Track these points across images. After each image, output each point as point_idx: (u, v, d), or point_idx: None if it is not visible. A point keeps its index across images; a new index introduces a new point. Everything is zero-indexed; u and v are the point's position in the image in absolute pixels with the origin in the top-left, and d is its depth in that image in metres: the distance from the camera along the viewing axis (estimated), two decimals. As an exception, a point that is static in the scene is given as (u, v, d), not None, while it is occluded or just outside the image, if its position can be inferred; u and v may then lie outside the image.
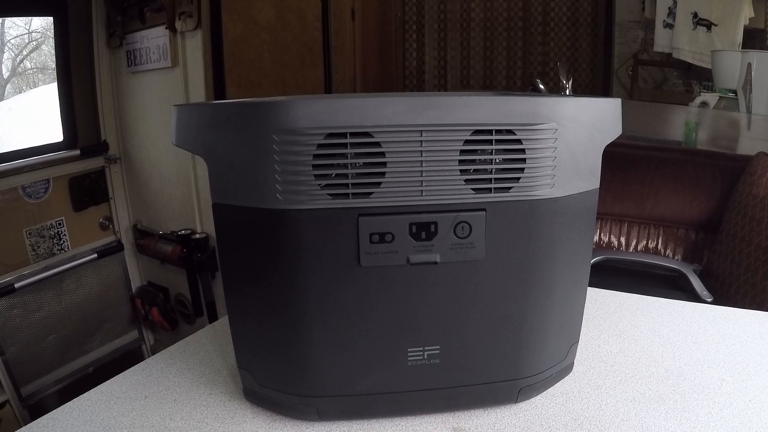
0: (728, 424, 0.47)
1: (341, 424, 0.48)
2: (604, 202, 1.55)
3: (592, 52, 2.55)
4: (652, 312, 0.69)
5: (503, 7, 2.65)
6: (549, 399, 0.51)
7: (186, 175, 1.96)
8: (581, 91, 2.53)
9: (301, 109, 0.39)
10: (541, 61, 2.65)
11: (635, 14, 2.38)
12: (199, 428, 0.48)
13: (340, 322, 0.44)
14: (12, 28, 2.22)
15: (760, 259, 1.23)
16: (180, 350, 0.61)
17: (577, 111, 0.43)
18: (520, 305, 0.45)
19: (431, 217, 0.42)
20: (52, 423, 0.49)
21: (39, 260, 1.85)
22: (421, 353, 0.45)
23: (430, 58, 2.80)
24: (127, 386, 0.54)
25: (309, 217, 0.41)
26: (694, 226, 1.51)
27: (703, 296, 1.26)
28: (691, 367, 0.56)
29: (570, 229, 0.45)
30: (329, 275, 0.42)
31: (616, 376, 0.55)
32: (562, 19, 2.59)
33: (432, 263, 0.43)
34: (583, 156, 0.44)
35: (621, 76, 2.44)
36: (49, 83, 2.27)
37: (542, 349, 0.48)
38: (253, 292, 0.45)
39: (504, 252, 0.43)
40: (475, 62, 2.75)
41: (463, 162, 0.41)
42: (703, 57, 2.17)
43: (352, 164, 0.40)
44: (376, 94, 0.43)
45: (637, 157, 1.58)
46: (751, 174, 1.38)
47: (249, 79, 2.21)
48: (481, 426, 0.48)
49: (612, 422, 0.48)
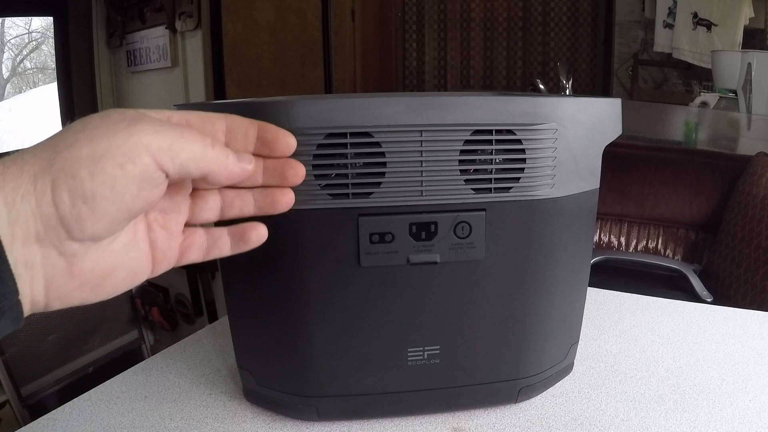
0: (728, 424, 0.47)
1: (341, 424, 0.48)
2: (604, 202, 1.55)
3: (592, 52, 2.55)
4: (652, 312, 0.69)
5: (503, 7, 2.65)
6: (549, 399, 0.51)
7: (186, 174, 1.95)
8: (581, 91, 2.53)
9: (301, 109, 0.39)
10: (541, 61, 2.65)
11: (635, 14, 2.38)
12: (199, 428, 0.48)
13: (339, 322, 0.44)
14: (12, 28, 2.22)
15: (760, 259, 1.23)
16: (180, 350, 0.61)
17: (577, 111, 0.43)
18: (520, 305, 0.45)
19: (431, 217, 0.42)
20: (52, 423, 0.49)
21: (39, 260, 1.85)
22: (421, 353, 0.45)
23: (430, 58, 2.80)
24: (127, 386, 0.54)
25: (309, 217, 0.40)
26: (694, 226, 1.51)
27: (703, 296, 1.27)
28: (691, 367, 0.56)
29: (570, 229, 0.45)
30: (329, 275, 0.42)
31: (616, 376, 0.55)
32: (562, 19, 2.59)
33: (432, 263, 0.43)
34: (583, 156, 0.44)
35: (621, 76, 2.44)
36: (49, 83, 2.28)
37: (542, 349, 0.48)
38: (253, 292, 0.45)
39: (504, 252, 0.43)
40: (475, 62, 2.75)
41: (463, 162, 0.41)
42: (703, 57, 2.17)
43: (352, 164, 0.40)
44: (376, 94, 0.43)
45: (637, 157, 1.58)
46: (751, 174, 1.38)
47: (249, 79, 2.21)
48: (481, 426, 0.48)
49: (612, 422, 0.48)
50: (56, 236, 0.25)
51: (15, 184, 0.24)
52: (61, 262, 0.26)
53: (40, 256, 0.26)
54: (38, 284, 0.26)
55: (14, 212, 0.24)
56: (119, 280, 0.29)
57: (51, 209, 0.25)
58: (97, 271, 0.27)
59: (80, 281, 0.27)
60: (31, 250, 0.25)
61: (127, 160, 0.25)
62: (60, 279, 0.26)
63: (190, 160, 0.27)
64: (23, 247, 0.25)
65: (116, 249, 0.28)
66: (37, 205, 0.25)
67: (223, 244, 0.33)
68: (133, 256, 0.29)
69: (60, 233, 0.25)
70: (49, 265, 0.26)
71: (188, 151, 0.27)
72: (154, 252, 0.30)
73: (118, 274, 0.28)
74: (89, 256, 0.27)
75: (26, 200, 0.24)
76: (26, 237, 0.25)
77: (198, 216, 0.32)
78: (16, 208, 0.24)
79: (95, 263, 0.27)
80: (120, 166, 0.25)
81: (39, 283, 0.26)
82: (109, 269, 0.28)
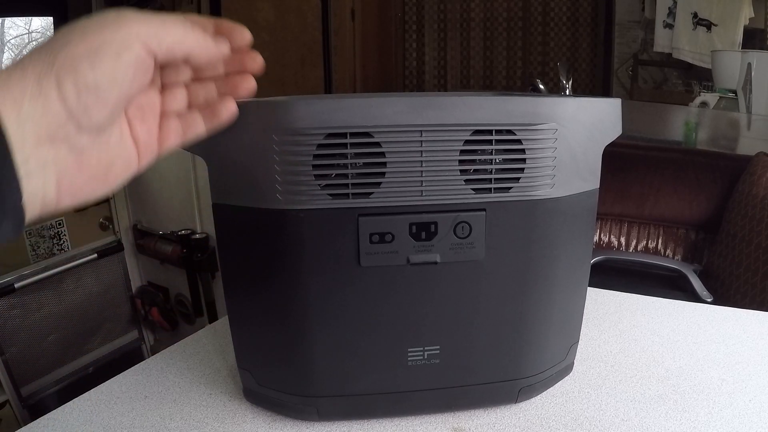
0: (728, 424, 0.47)
1: (341, 424, 0.48)
2: (604, 202, 1.55)
3: (592, 52, 2.55)
4: (652, 312, 0.69)
5: (503, 7, 2.65)
6: (549, 399, 0.51)
7: (186, 175, 1.96)
8: (581, 91, 2.53)
9: (301, 109, 0.39)
10: (541, 61, 2.65)
11: (635, 14, 2.38)
12: (199, 428, 0.48)
13: (339, 322, 0.44)
14: (12, 28, 2.22)
15: (760, 259, 1.23)
16: (180, 350, 0.61)
17: (577, 111, 0.43)
18: (520, 305, 0.45)
19: (431, 217, 0.42)
20: (52, 423, 0.49)
21: (39, 260, 1.85)
22: (421, 353, 0.45)
23: (430, 58, 2.80)
24: (127, 386, 0.54)
25: (309, 217, 0.41)
26: (694, 226, 1.51)
27: (703, 296, 1.27)
28: (691, 367, 0.56)
29: (570, 229, 0.45)
30: (329, 275, 0.42)
31: (616, 376, 0.55)
32: (562, 19, 2.59)
33: (432, 263, 0.43)
34: (583, 156, 0.44)
35: (621, 76, 2.44)
36: (49, 83, 2.27)
37: (542, 349, 0.48)
38: (253, 292, 0.45)
39: (504, 252, 0.43)
40: (475, 62, 2.75)
41: (463, 162, 0.41)
42: (703, 57, 2.17)
43: (352, 164, 0.40)
44: (376, 94, 0.43)
45: (637, 157, 1.58)
46: (751, 174, 1.38)
47: (249, 79, 2.21)
48: (481, 426, 0.48)
49: (612, 422, 0.48)
50: (66, 132, 0.28)
51: (20, 88, 0.26)
52: (71, 158, 0.29)
53: (52, 154, 0.28)
54: (50, 182, 0.28)
55: (23, 114, 0.26)
56: (118, 171, 0.32)
57: (59, 105, 0.27)
58: (102, 163, 0.31)
59: (88, 175, 0.30)
60: (43, 150, 0.27)
61: (122, 50, 0.28)
62: (71, 174, 0.29)
63: (174, 42, 0.30)
64: (35, 148, 0.27)
65: (113, 143, 0.32)
66: (45, 104, 0.27)
67: (197, 124, 0.36)
68: (124, 149, 0.33)
69: (69, 128, 0.28)
70: (60, 162, 0.28)
71: (172, 35, 0.30)
72: (138, 146, 0.34)
73: (117, 166, 0.32)
74: (94, 150, 0.30)
75: (34, 101, 0.26)
76: (38, 137, 0.27)
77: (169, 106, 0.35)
78: (24, 110, 0.26)
79: (99, 156, 0.31)
80: (116, 56, 0.28)
81: (51, 182, 0.28)
82: (110, 161, 0.31)
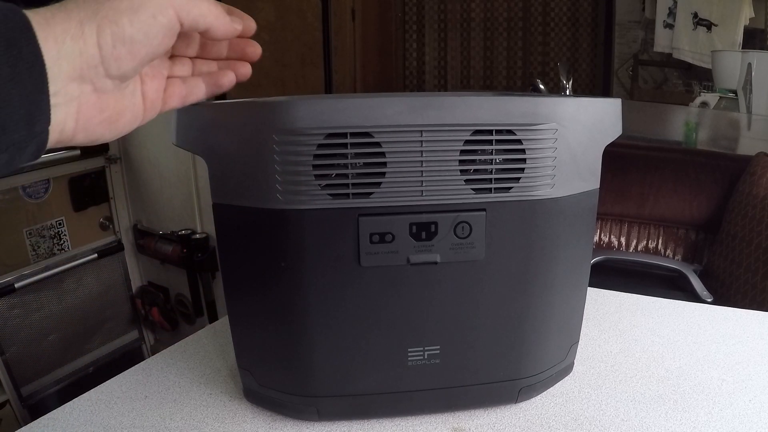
0: (728, 424, 0.47)
1: (341, 424, 0.48)
2: (604, 202, 1.55)
3: (592, 52, 2.55)
4: (652, 312, 0.69)
5: (503, 7, 2.65)
6: (549, 399, 0.51)
7: (186, 175, 1.96)
8: (581, 91, 2.53)
9: (301, 109, 0.39)
10: (541, 61, 2.65)
11: (635, 14, 2.38)
12: (199, 428, 0.48)
13: (340, 322, 0.44)
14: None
15: (760, 259, 1.23)
16: (180, 350, 0.61)
17: (577, 111, 0.43)
18: (520, 305, 0.45)
19: (431, 217, 0.42)
20: (52, 423, 0.49)
21: (39, 260, 1.85)
22: (422, 353, 0.45)
23: (430, 58, 2.80)
24: (127, 386, 0.54)
25: (309, 217, 0.41)
26: (694, 226, 1.51)
27: (703, 296, 1.27)
28: (691, 367, 0.56)
29: (570, 229, 0.45)
30: (329, 275, 0.42)
31: (616, 376, 0.55)
32: (562, 19, 2.59)
33: (432, 263, 0.43)
34: (583, 156, 0.44)
35: (621, 76, 2.44)
36: (49, 83, 2.27)
37: (542, 349, 0.48)
38: (253, 291, 0.45)
39: (504, 252, 0.43)
40: (475, 62, 2.75)
41: (464, 162, 0.41)
42: (703, 57, 2.17)
43: (353, 164, 0.40)
44: (376, 94, 0.43)
45: (637, 157, 1.58)
46: (751, 174, 1.38)
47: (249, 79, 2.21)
48: (481, 426, 0.48)
49: (612, 422, 0.48)
50: (95, 73, 0.31)
51: (64, 27, 0.30)
52: (93, 98, 0.32)
53: (78, 91, 0.31)
54: (71, 116, 0.32)
55: (64, 50, 0.29)
56: (126, 120, 0.36)
57: (95, 50, 0.31)
58: (117, 108, 0.34)
59: (104, 116, 0.34)
60: (72, 86, 0.31)
61: (158, 12, 0.32)
62: (90, 113, 0.33)
63: (199, 15, 0.34)
64: (66, 83, 0.30)
65: (128, 93, 0.35)
66: (83, 46, 0.30)
67: (199, 90, 0.40)
68: (135, 101, 0.36)
69: (99, 71, 0.31)
70: (84, 99, 0.32)
71: (199, 8, 0.34)
72: (145, 101, 0.37)
73: (126, 115, 0.35)
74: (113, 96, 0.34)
75: (74, 42, 0.30)
76: (70, 74, 0.30)
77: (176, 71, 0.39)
78: (66, 47, 0.29)
79: (116, 101, 0.34)
80: (153, 17, 0.32)
81: (72, 116, 0.32)
82: (123, 109, 0.35)
